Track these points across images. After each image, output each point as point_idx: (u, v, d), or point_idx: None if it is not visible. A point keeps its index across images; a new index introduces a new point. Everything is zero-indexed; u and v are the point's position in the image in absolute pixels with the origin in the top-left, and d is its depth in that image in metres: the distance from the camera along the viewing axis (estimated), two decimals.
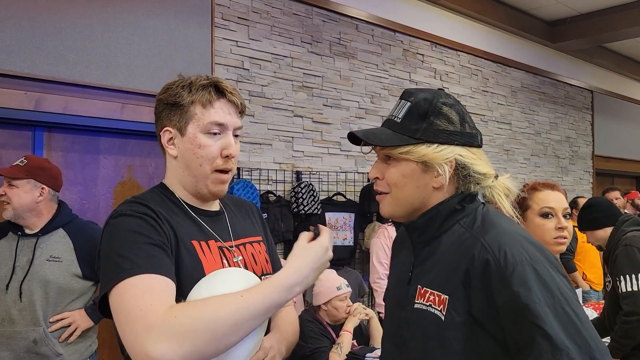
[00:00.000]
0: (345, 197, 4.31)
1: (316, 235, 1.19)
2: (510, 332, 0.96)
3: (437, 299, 1.05)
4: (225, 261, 1.22)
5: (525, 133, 6.27)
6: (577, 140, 7.10)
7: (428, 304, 1.06)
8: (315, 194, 3.95)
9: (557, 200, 1.89)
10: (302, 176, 4.07)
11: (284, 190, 3.98)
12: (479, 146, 1.16)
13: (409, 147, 1.09)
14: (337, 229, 4.18)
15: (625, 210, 5.43)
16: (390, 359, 1.18)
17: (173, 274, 1.09)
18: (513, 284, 0.95)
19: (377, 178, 1.16)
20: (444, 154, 1.09)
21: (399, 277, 1.22)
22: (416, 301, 1.10)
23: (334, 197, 4.25)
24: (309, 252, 1.15)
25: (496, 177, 1.17)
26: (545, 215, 1.85)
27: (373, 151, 1.19)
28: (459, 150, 1.11)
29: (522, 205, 1.86)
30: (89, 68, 3.09)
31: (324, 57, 4.31)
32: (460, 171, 1.11)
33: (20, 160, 2.32)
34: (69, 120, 3.05)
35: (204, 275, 1.16)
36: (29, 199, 2.27)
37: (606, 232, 2.65)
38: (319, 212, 3.98)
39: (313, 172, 4.16)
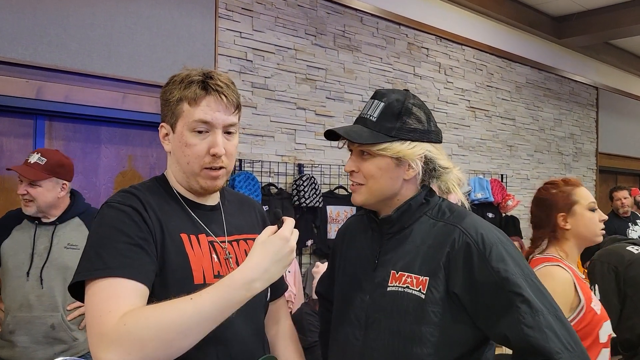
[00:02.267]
0: (347, 190, 4.29)
1: (279, 227, 1.14)
2: (489, 302, 1.12)
3: (414, 280, 1.19)
4: (214, 256, 1.21)
5: (529, 129, 6.24)
6: (581, 137, 7.07)
7: (405, 285, 1.19)
8: (316, 187, 3.94)
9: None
10: (304, 169, 4.06)
11: (286, 183, 3.97)
12: (441, 142, 1.30)
13: (386, 145, 1.22)
14: (338, 222, 4.17)
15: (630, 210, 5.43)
16: (354, 339, 1.26)
17: (147, 275, 1.09)
18: (492, 261, 1.13)
19: (353, 171, 1.27)
20: (416, 151, 1.23)
21: (359, 265, 1.32)
22: (389, 284, 1.22)
23: (336, 191, 4.24)
24: (268, 245, 1.09)
25: None
26: (592, 209, 1.93)
27: (346, 147, 1.30)
28: (427, 147, 1.25)
29: (567, 200, 1.91)
30: (91, 57, 3.08)
31: (328, 49, 4.28)
32: (427, 165, 1.26)
33: (37, 158, 2.33)
34: (71, 109, 3.04)
35: (190, 269, 1.16)
36: (53, 197, 2.35)
37: None
38: (320, 205, 3.97)
39: (315, 165, 4.15)
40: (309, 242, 4.00)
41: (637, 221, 5.29)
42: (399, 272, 1.21)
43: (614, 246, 2.64)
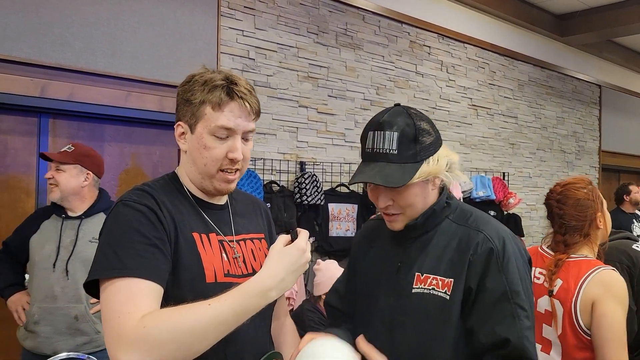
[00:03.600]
0: (348, 188, 4.31)
1: (293, 238, 1.18)
2: (491, 306, 1.17)
3: (440, 282, 1.22)
4: (224, 255, 1.23)
5: (532, 127, 6.24)
6: (584, 135, 7.06)
7: (430, 287, 1.22)
8: (318, 185, 3.96)
9: None
10: (306, 167, 4.08)
11: (288, 181, 3.99)
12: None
13: (418, 173, 1.22)
14: (340, 220, 4.19)
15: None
16: (383, 339, 1.27)
17: (162, 275, 1.11)
18: (507, 272, 1.19)
19: (388, 205, 1.27)
20: (442, 163, 1.26)
21: (383, 268, 1.34)
22: (414, 287, 1.24)
23: (337, 188, 4.26)
24: (285, 255, 1.13)
25: None
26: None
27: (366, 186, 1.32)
28: (443, 153, 1.27)
29: (599, 199, 1.89)
30: (94, 55, 3.10)
31: (330, 47, 4.29)
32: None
33: (67, 147, 2.47)
34: (74, 107, 3.06)
35: (202, 267, 1.17)
36: (75, 183, 2.42)
37: None
38: (322, 203, 3.99)
39: (317, 163, 4.17)
40: (311, 240, 4.00)
41: None
42: (424, 274, 1.24)
43: (620, 243, 2.57)
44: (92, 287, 1.13)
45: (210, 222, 1.26)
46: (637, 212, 5.35)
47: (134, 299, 1.04)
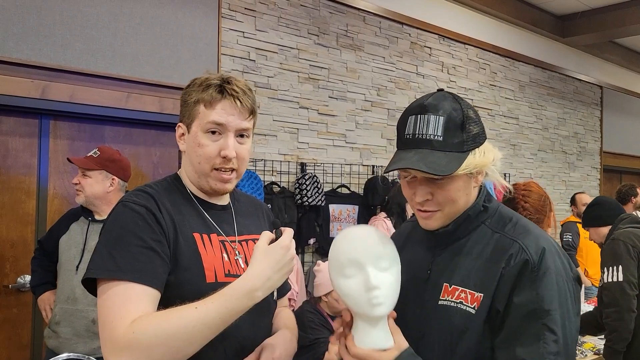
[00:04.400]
0: (349, 189, 4.31)
1: (278, 237, 1.16)
2: (518, 324, 1.04)
3: (469, 296, 1.10)
4: (225, 255, 1.24)
5: (533, 128, 6.24)
6: (585, 136, 7.05)
7: (458, 301, 1.12)
8: (319, 186, 3.96)
9: None
10: (307, 168, 4.08)
11: (288, 182, 3.99)
12: None
13: (465, 163, 1.09)
14: (341, 221, 4.19)
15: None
16: None
17: (158, 278, 1.11)
18: (540, 287, 1.05)
19: (426, 200, 1.14)
20: (489, 157, 1.14)
21: (411, 276, 1.23)
22: (441, 298, 1.14)
23: (338, 189, 4.26)
24: (269, 254, 1.12)
25: None
26: None
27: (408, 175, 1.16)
28: (489, 146, 1.15)
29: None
30: (95, 57, 3.10)
31: (331, 49, 4.30)
32: None
33: (93, 151, 2.48)
34: (75, 108, 3.07)
35: (202, 268, 1.18)
36: (101, 189, 2.44)
37: (609, 229, 2.70)
38: (322, 204, 3.99)
39: (318, 164, 4.17)
40: (312, 241, 4.02)
41: None
42: (452, 286, 1.14)
43: (636, 228, 2.60)
44: (92, 284, 1.14)
45: (212, 222, 1.26)
46: (635, 213, 5.32)
47: (125, 304, 1.06)
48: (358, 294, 1.08)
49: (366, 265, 1.08)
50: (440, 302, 1.14)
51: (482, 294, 1.09)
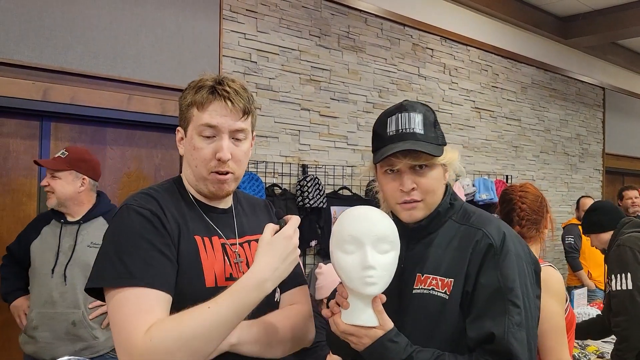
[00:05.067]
0: (351, 191, 4.30)
1: (282, 227, 1.17)
2: (484, 301, 1.16)
3: (440, 282, 1.21)
4: (226, 258, 1.23)
5: (535, 130, 6.22)
6: (588, 137, 7.03)
7: (430, 287, 1.22)
8: (320, 188, 3.95)
9: None
10: (308, 169, 4.07)
11: (290, 184, 3.98)
12: None
13: (443, 155, 1.25)
14: None
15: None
16: None
17: (169, 282, 1.11)
18: (503, 268, 1.17)
19: (412, 189, 1.25)
20: (455, 153, 1.28)
21: None
22: (415, 287, 1.24)
23: (340, 191, 4.25)
24: (273, 245, 1.14)
25: None
26: None
27: (379, 165, 1.29)
28: (450, 147, 1.29)
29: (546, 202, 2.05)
30: (96, 59, 3.10)
31: (332, 50, 4.29)
32: None
33: (61, 152, 2.43)
34: (76, 110, 3.06)
35: (202, 271, 1.17)
36: (71, 190, 2.40)
37: (610, 235, 2.65)
38: (324, 206, 3.98)
39: (319, 166, 4.16)
40: (313, 243, 4.01)
41: None
42: (425, 275, 1.24)
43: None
44: (95, 289, 1.13)
45: (213, 226, 1.25)
46: (637, 215, 5.30)
47: (140, 311, 1.05)
48: (354, 271, 1.14)
49: (365, 245, 1.14)
50: (414, 291, 1.24)
51: (452, 279, 1.20)
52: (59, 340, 2.32)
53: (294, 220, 1.18)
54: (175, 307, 1.09)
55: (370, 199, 4.25)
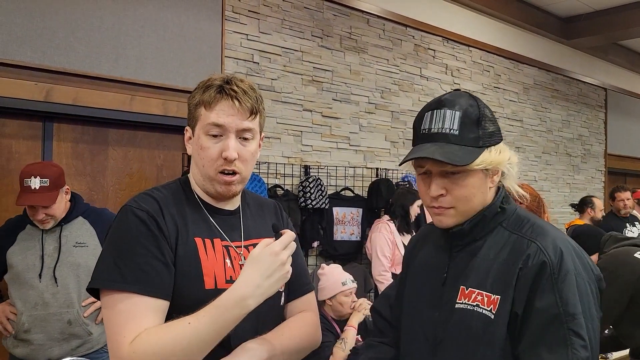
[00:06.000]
0: (353, 192, 4.30)
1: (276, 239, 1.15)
2: (541, 330, 1.02)
3: (486, 299, 1.08)
4: (228, 261, 1.21)
5: (537, 130, 6.21)
6: (590, 138, 7.02)
7: (475, 304, 1.10)
8: (323, 189, 3.95)
9: None
10: (311, 170, 4.07)
11: (292, 185, 3.98)
12: None
13: (480, 158, 1.09)
14: (345, 224, 4.18)
15: (634, 211, 5.35)
16: (425, 355, 1.18)
17: (164, 288, 1.11)
18: (563, 291, 1.03)
19: (440, 195, 1.13)
20: (505, 155, 1.14)
21: (428, 278, 1.22)
22: (458, 301, 1.12)
23: (342, 192, 4.25)
24: (257, 261, 1.10)
25: None
26: None
27: (415, 167, 1.16)
28: (505, 147, 1.16)
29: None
30: (99, 60, 3.10)
31: (335, 51, 4.29)
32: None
33: (39, 180, 2.34)
34: (79, 111, 3.06)
35: (201, 274, 1.16)
36: (64, 205, 2.44)
37: (597, 256, 2.71)
38: (326, 207, 3.97)
39: (321, 167, 4.16)
40: (315, 244, 4.00)
41: (636, 223, 5.22)
42: (469, 289, 1.12)
43: (621, 252, 2.57)
44: (94, 289, 1.13)
45: (217, 227, 1.24)
46: (630, 217, 5.27)
47: (129, 319, 1.06)
48: None
49: None
50: (457, 305, 1.12)
51: (499, 296, 1.07)
52: (53, 341, 2.34)
53: (286, 237, 1.14)
54: (176, 310, 1.09)
55: (370, 199, 4.25)
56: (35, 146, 3.07)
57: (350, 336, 2.65)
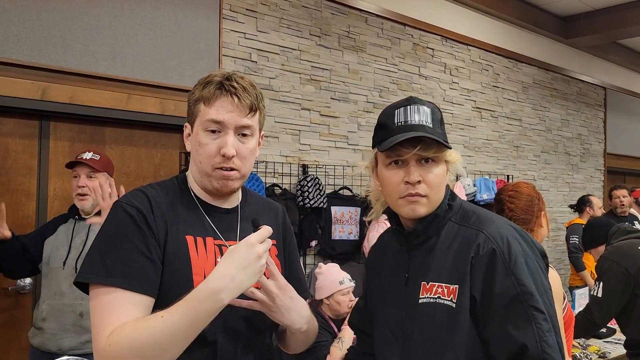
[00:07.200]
0: (351, 191, 4.29)
1: None
2: (503, 312, 1.10)
3: (445, 290, 1.16)
4: (219, 259, 1.18)
5: (536, 129, 6.21)
6: (589, 137, 7.02)
7: (436, 296, 1.17)
8: (321, 188, 3.94)
9: None
10: (309, 169, 4.06)
11: (290, 184, 3.97)
12: None
13: (449, 151, 1.22)
14: (343, 223, 4.17)
15: (632, 210, 5.35)
16: (395, 351, 1.25)
17: (149, 284, 1.11)
18: (516, 274, 1.11)
19: (418, 182, 1.19)
20: (458, 154, 1.25)
21: (391, 282, 1.30)
22: (421, 297, 1.19)
23: (340, 191, 4.24)
24: (233, 253, 1.08)
25: None
26: None
27: (386, 156, 1.22)
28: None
29: (542, 200, 2.07)
30: (95, 58, 3.09)
31: (333, 50, 4.28)
32: None
33: (91, 155, 2.48)
34: (75, 110, 3.05)
35: (190, 272, 1.16)
36: (106, 191, 2.42)
37: (604, 247, 2.84)
38: (324, 206, 3.96)
39: (319, 166, 4.15)
40: (313, 243, 3.99)
41: (635, 222, 5.22)
42: (430, 283, 1.19)
43: (626, 244, 2.65)
44: (85, 285, 1.14)
45: (211, 226, 1.23)
46: (630, 215, 5.26)
47: (108, 314, 1.06)
48: None
49: None
50: (420, 301, 1.19)
51: (457, 286, 1.14)
52: (65, 332, 2.37)
53: (263, 230, 1.12)
54: (165, 307, 1.08)
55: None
56: (31, 145, 3.06)
57: (348, 335, 2.64)
